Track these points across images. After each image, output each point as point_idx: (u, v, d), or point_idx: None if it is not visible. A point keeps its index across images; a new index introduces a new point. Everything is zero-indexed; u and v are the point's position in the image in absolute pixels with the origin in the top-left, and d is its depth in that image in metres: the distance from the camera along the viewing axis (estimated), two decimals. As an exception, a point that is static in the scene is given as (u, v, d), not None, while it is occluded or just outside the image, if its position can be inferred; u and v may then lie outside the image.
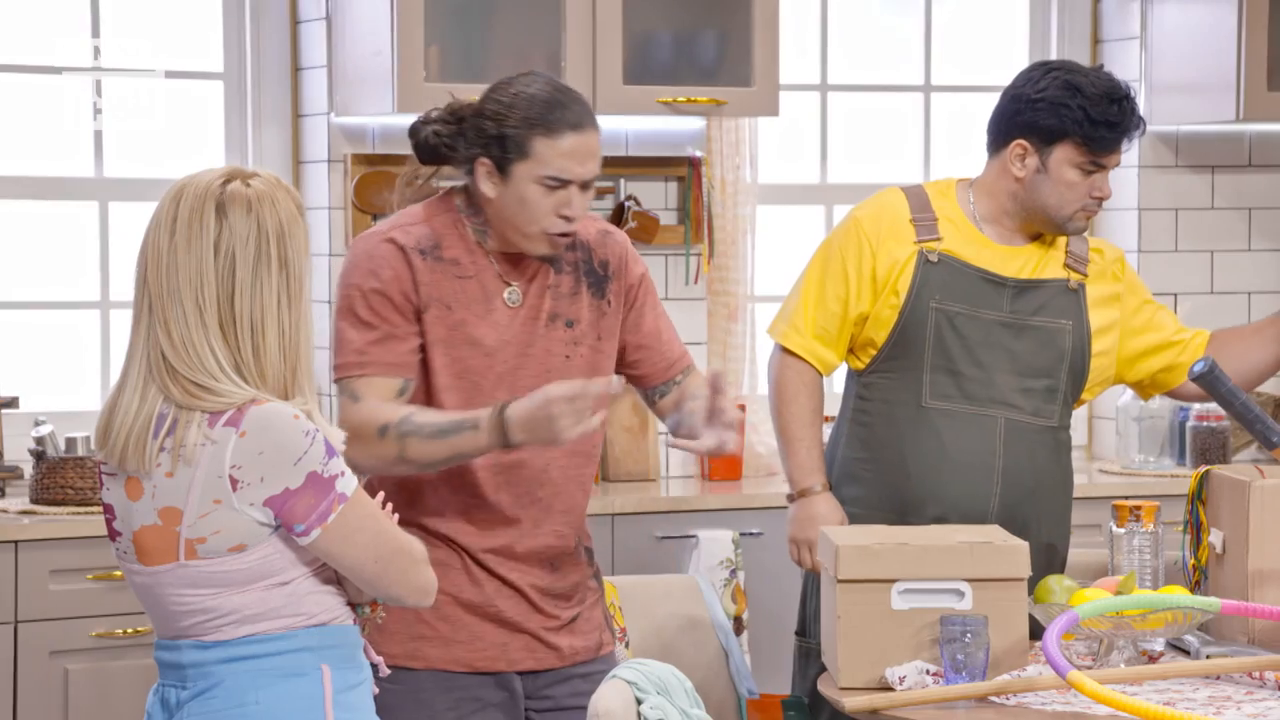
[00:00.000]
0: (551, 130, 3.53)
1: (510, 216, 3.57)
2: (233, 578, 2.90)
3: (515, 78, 3.62)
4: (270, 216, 2.93)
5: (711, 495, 5.52)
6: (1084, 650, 3.71)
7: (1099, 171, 4.08)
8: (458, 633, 3.61)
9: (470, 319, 3.59)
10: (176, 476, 2.87)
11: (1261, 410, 3.96)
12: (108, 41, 5.50)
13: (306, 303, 2.95)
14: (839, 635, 3.58)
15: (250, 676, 2.92)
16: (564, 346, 3.65)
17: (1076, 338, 4.14)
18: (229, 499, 2.86)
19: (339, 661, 2.97)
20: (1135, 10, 6.17)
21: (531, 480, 3.63)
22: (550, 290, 3.65)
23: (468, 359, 3.59)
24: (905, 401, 4.09)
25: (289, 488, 2.86)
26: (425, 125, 3.65)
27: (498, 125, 3.55)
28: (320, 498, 2.87)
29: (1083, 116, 4.04)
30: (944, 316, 4.09)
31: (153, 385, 2.91)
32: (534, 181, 3.54)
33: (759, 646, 5.30)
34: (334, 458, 2.90)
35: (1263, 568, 3.74)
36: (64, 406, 5.46)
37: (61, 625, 4.89)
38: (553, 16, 5.36)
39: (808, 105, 6.14)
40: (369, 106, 5.36)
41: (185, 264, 2.93)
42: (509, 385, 3.59)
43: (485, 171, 3.57)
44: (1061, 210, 4.09)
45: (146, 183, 5.58)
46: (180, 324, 2.89)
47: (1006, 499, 4.08)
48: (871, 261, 4.10)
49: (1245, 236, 6.33)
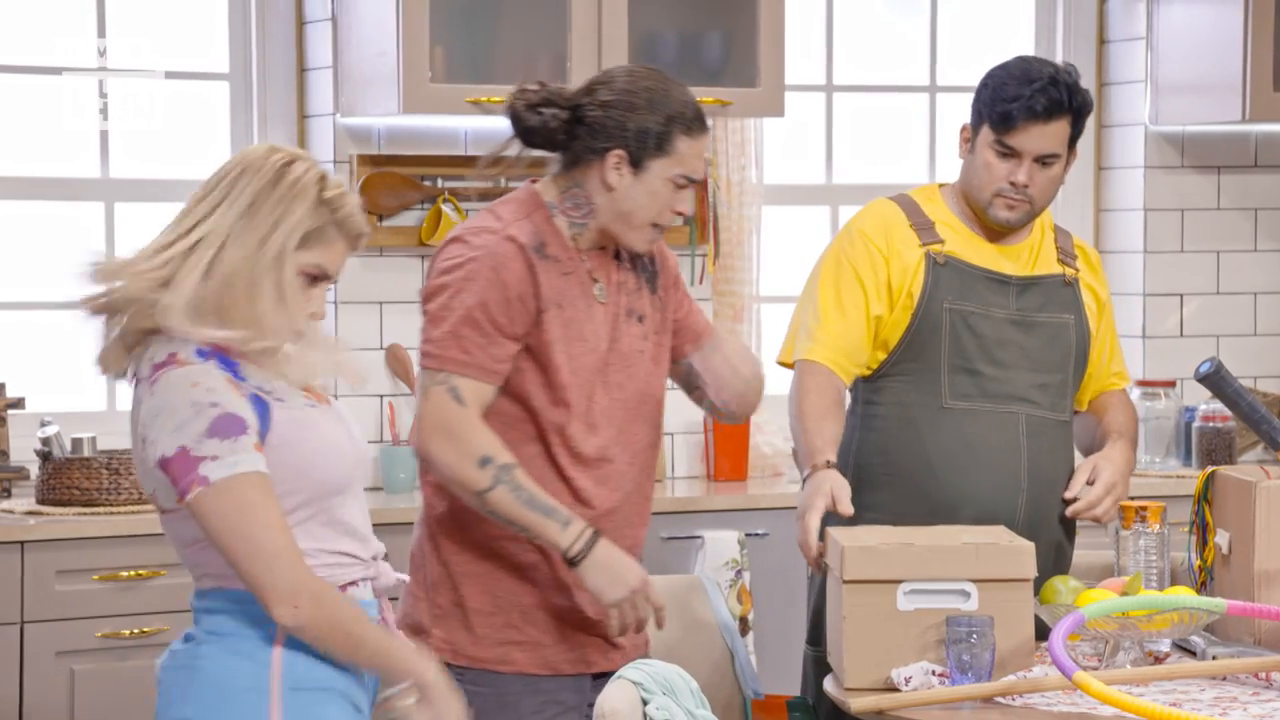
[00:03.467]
0: (692, 130, 3.60)
1: (630, 209, 3.59)
2: (191, 530, 2.97)
3: (628, 69, 3.64)
4: (266, 179, 2.97)
5: (717, 496, 5.52)
6: (1090, 651, 3.71)
7: (1014, 156, 4.04)
8: (545, 636, 3.62)
9: (577, 317, 3.61)
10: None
11: (1268, 411, 3.96)
12: (113, 42, 5.51)
13: (274, 269, 2.96)
14: (844, 636, 3.58)
15: (210, 634, 2.98)
16: (639, 341, 3.69)
17: (1079, 331, 4.16)
18: (142, 454, 2.96)
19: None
20: (1141, 10, 6.17)
21: (619, 481, 3.65)
22: (622, 286, 3.68)
23: (580, 356, 3.60)
24: (923, 403, 4.08)
25: (164, 455, 2.91)
26: (535, 110, 3.60)
27: (640, 118, 3.56)
28: (183, 473, 2.90)
29: (990, 95, 4.05)
30: (958, 316, 4.09)
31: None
32: (667, 178, 3.58)
33: (764, 647, 5.30)
34: (218, 439, 2.89)
35: (1269, 568, 3.74)
36: (70, 407, 5.46)
37: (68, 626, 4.89)
38: (558, 17, 5.36)
39: (813, 106, 6.14)
40: (374, 107, 5.36)
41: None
42: (602, 380, 3.62)
43: (616, 162, 3.58)
44: (980, 193, 4.08)
45: (152, 183, 5.58)
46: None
47: (1033, 494, 4.08)
48: (885, 269, 4.08)
49: (1251, 237, 6.33)
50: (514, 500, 3.48)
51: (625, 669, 3.38)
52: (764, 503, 5.47)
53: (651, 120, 3.57)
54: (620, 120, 3.57)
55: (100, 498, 5.06)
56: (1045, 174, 4.06)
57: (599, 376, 3.61)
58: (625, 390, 3.66)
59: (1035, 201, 4.08)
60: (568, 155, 3.62)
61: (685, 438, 5.83)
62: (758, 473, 5.80)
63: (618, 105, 3.57)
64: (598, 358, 3.61)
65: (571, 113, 3.59)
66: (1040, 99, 4.00)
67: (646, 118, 3.57)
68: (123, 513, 5.03)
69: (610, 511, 3.64)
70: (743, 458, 5.75)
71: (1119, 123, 6.27)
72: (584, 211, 3.62)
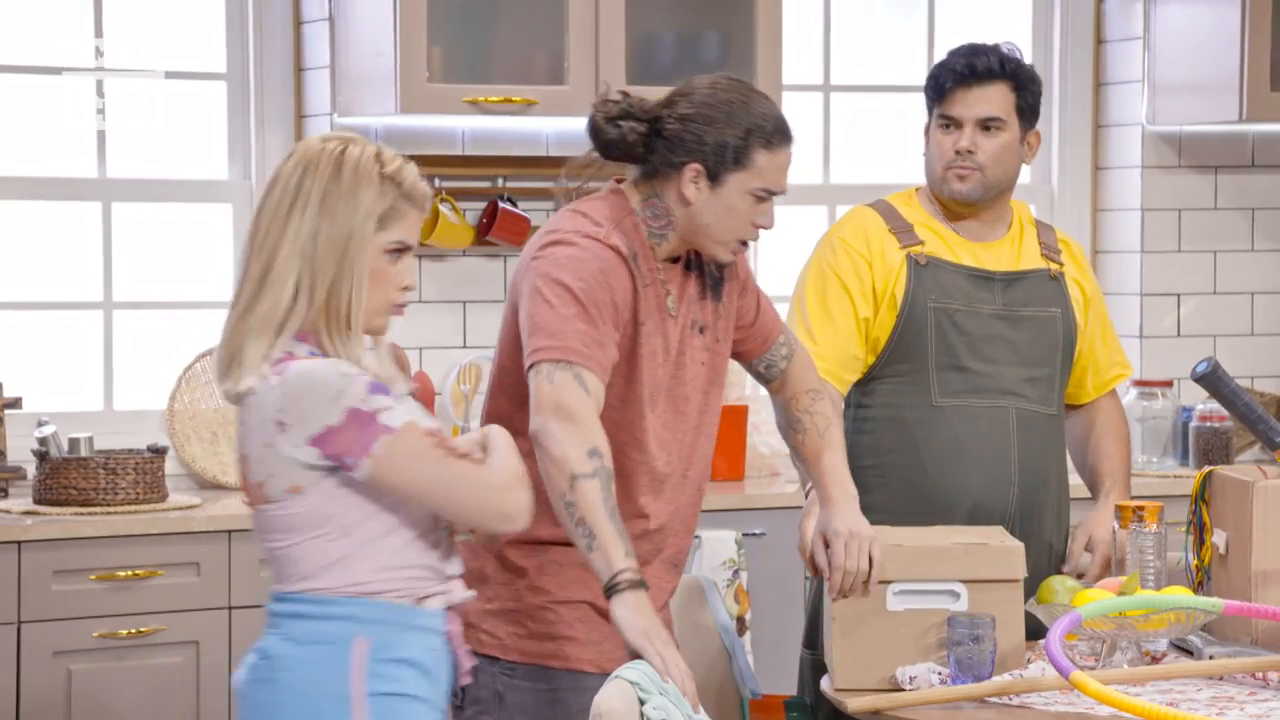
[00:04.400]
0: (773, 144, 3.54)
1: (708, 224, 3.54)
2: (295, 521, 3.01)
3: (711, 80, 3.58)
4: (327, 171, 3.02)
5: (714, 495, 5.51)
6: (1087, 651, 3.71)
7: (956, 127, 4.12)
8: (592, 633, 3.59)
9: (655, 330, 3.56)
10: (242, 424, 3.04)
11: (1264, 411, 3.96)
12: (110, 42, 5.50)
13: (357, 266, 3.03)
14: (835, 636, 3.58)
15: (289, 643, 3.03)
16: (700, 353, 3.64)
17: (1066, 325, 4.18)
18: (276, 441, 2.98)
19: (385, 637, 3.03)
20: (1138, 10, 6.17)
21: (674, 494, 3.62)
22: (688, 297, 3.63)
23: (656, 369, 3.56)
24: (914, 403, 4.09)
25: (330, 425, 2.96)
26: (614, 122, 3.55)
27: (717, 132, 3.51)
28: (362, 429, 2.96)
29: (929, 78, 4.17)
30: (943, 315, 4.10)
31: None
32: (746, 192, 3.53)
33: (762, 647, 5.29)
34: (377, 394, 2.98)
35: (1266, 568, 3.74)
36: (67, 407, 5.46)
37: (64, 626, 4.89)
38: (555, 17, 5.36)
39: (810, 106, 6.14)
40: (372, 107, 5.36)
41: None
42: (669, 394, 3.58)
43: (693, 176, 3.52)
44: (933, 174, 4.16)
45: (149, 183, 5.58)
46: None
47: (1024, 488, 4.10)
48: (869, 273, 4.11)
49: (1248, 237, 6.33)
50: (599, 502, 3.35)
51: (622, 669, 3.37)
52: (761, 503, 5.47)
53: (729, 134, 3.51)
54: (698, 134, 3.51)
55: (97, 498, 5.06)
56: (991, 141, 4.11)
57: (667, 390, 3.59)
58: (690, 403, 3.63)
59: (986, 170, 4.11)
60: (647, 166, 3.58)
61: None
62: (755, 473, 5.80)
63: (696, 119, 3.52)
64: (667, 372, 3.59)
65: (650, 125, 3.54)
66: (960, 61, 4.12)
67: (724, 131, 3.51)
68: (120, 513, 5.03)
69: (661, 527, 3.63)
70: (740, 458, 5.75)
71: (1116, 122, 6.28)
72: (663, 223, 3.57)
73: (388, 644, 3.04)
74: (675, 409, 3.60)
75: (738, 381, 5.82)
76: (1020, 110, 4.13)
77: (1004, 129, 4.11)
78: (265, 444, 2.99)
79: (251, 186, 5.61)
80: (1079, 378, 4.26)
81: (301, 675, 3.02)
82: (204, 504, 5.21)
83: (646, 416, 3.56)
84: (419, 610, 3.07)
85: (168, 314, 5.62)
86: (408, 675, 3.06)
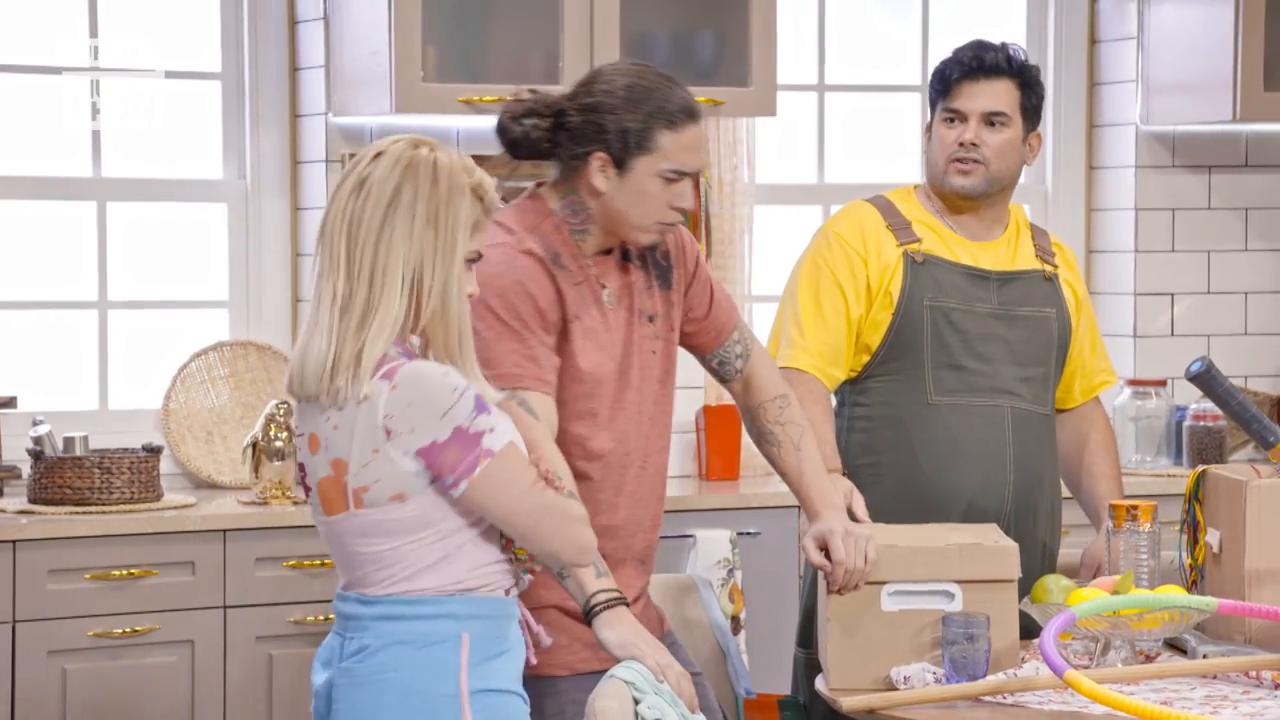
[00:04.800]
0: (676, 124, 3.50)
1: (623, 210, 3.52)
2: (396, 527, 3.02)
3: (613, 67, 3.56)
4: (425, 177, 3.04)
5: (709, 495, 5.52)
6: (1081, 649, 3.72)
7: (961, 120, 4.13)
8: (561, 636, 3.55)
9: (594, 326, 3.55)
10: (341, 428, 3.01)
11: (1258, 410, 3.96)
12: (106, 42, 5.50)
13: (458, 275, 3.05)
14: (829, 636, 3.59)
15: (394, 645, 3.04)
16: (651, 342, 3.64)
17: (1060, 325, 4.19)
18: (384, 448, 3.00)
19: (483, 631, 3.07)
20: (1132, 10, 6.18)
21: (636, 486, 3.62)
22: (631, 287, 3.62)
23: (601, 365, 3.55)
24: (909, 401, 4.09)
25: (436, 440, 2.99)
26: (518, 121, 3.55)
27: (617, 119, 3.49)
28: (466, 451, 2.99)
29: (934, 73, 4.19)
30: (939, 313, 4.10)
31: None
32: (655, 175, 3.50)
33: (756, 646, 5.30)
34: (483, 414, 3.01)
35: (1259, 567, 3.75)
36: (62, 406, 5.46)
37: (59, 625, 4.89)
38: (550, 17, 5.37)
39: (805, 105, 6.14)
40: (367, 107, 5.37)
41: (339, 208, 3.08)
42: (622, 385, 3.58)
43: (600, 165, 3.50)
44: (935, 167, 4.17)
45: (144, 183, 5.58)
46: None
47: (1019, 486, 4.10)
48: (864, 270, 4.11)
49: (1242, 236, 6.34)
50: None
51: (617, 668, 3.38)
52: (756, 502, 5.47)
53: (629, 119, 3.48)
54: (599, 123, 3.49)
55: (92, 497, 5.06)
56: (996, 136, 4.12)
57: (619, 382, 3.59)
58: (643, 394, 3.62)
59: (990, 164, 4.12)
60: (559, 163, 3.57)
61: (677, 437, 5.82)
62: (749, 472, 5.80)
63: (596, 108, 3.49)
64: (616, 365, 3.58)
65: (553, 120, 3.53)
66: (968, 53, 4.14)
67: (624, 117, 3.48)
68: (114, 512, 5.03)
69: (626, 521, 3.63)
70: (735, 457, 5.76)
71: (1110, 122, 6.28)
72: (581, 218, 3.56)
73: (489, 637, 3.08)
74: (627, 400, 3.59)
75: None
76: (1024, 109, 4.14)
77: (1008, 125, 4.12)
78: (374, 449, 3.00)
79: (246, 186, 5.61)
80: (1067, 381, 4.27)
81: (411, 675, 3.04)
82: (199, 503, 5.21)
83: (599, 412, 3.55)
84: (509, 601, 3.12)
85: (163, 313, 5.63)
86: (504, 669, 3.10)
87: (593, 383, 3.55)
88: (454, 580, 3.06)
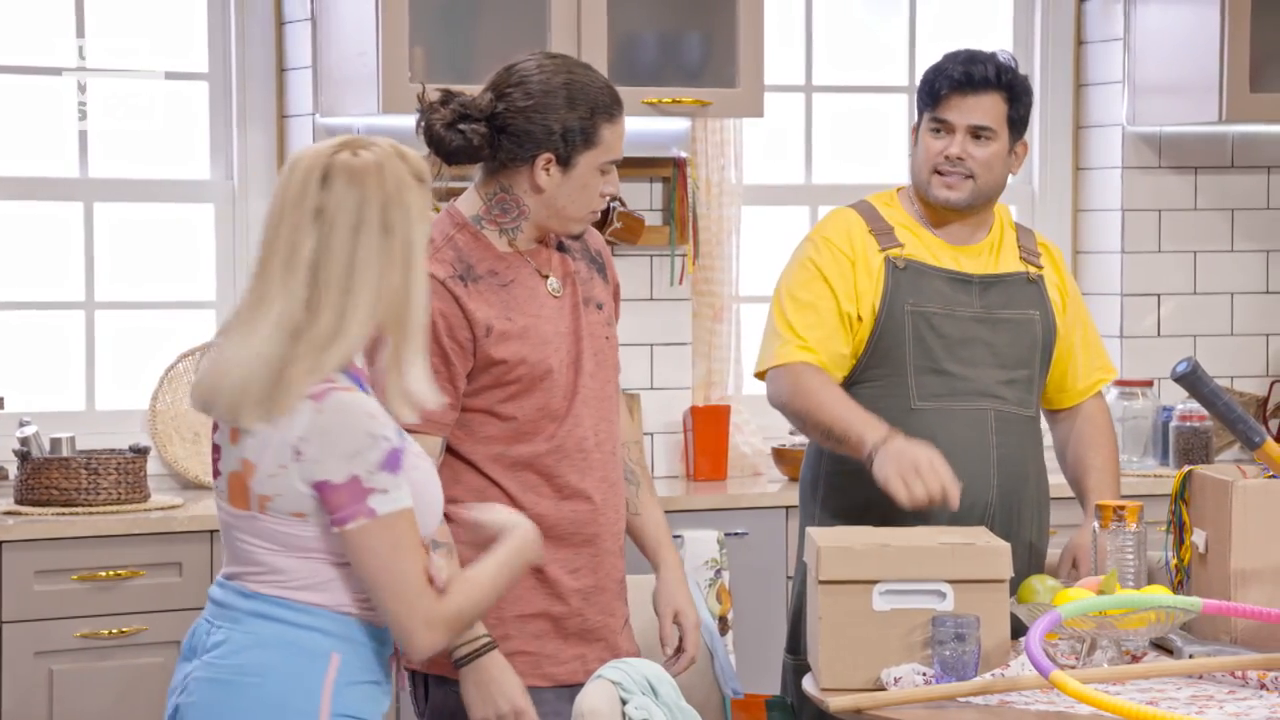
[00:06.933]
0: (613, 115, 3.56)
1: (565, 205, 3.54)
2: (293, 541, 2.97)
3: (533, 64, 3.54)
4: (375, 185, 2.94)
5: (697, 495, 5.52)
6: (1067, 650, 3.72)
7: (948, 132, 4.13)
8: (543, 646, 3.59)
9: (532, 320, 3.55)
10: (259, 433, 2.94)
11: (1244, 410, 3.97)
12: (93, 42, 5.50)
13: (419, 269, 2.97)
14: (820, 636, 3.59)
15: (260, 647, 2.96)
16: (602, 328, 3.66)
17: (1044, 327, 4.19)
18: (291, 467, 2.93)
19: (355, 655, 3.00)
20: (1118, 12, 6.18)
21: (604, 470, 3.63)
22: (575, 276, 3.65)
23: (548, 357, 3.56)
24: (892, 406, 4.09)
25: (330, 480, 2.92)
26: (453, 129, 3.52)
27: (561, 118, 3.50)
28: (351, 502, 2.92)
29: (923, 81, 4.18)
30: (921, 318, 4.11)
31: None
32: (595, 168, 3.54)
33: (743, 646, 5.30)
34: (387, 472, 2.92)
35: (1245, 567, 3.75)
36: (48, 407, 5.45)
37: (46, 626, 4.89)
38: (538, 17, 5.36)
39: (792, 106, 6.14)
40: (354, 107, 5.36)
41: (285, 231, 2.95)
42: (575, 371, 3.59)
43: (545, 164, 3.52)
44: (919, 175, 4.17)
45: (131, 183, 5.58)
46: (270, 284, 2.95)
47: (1004, 489, 4.11)
48: (852, 272, 4.11)
49: (1228, 237, 6.35)
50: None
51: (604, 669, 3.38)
52: (743, 502, 5.47)
53: (573, 117, 3.50)
54: (543, 124, 3.50)
55: (79, 498, 5.06)
56: (982, 150, 4.12)
57: (574, 370, 3.60)
58: (597, 379, 3.64)
59: (978, 178, 4.12)
60: (492, 164, 3.56)
61: (665, 437, 5.83)
62: (737, 472, 5.80)
63: (536, 109, 3.49)
64: (567, 352, 3.59)
65: (488, 123, 3.52)
66: (958, 68, 4.12)
67: (568, 115, 3.50)
68: (101, 513, 5.03)
69: (603, 503, 3.63)
70: (722, 457, 5.76)
71: (1096, 123, 6.29)
72: (514, 215, 3.57)
73: (360, 663, 3.01)
74: (587, 386, 3.61)
75: (720, 381, 5.83)
76: (1011, 121, 4.14)
77: (994, 139, 4.12)
78: (281, 465, 2.94)
79: (234, 186, 5.61)
80: (1059, 381, 4.27)
81: (272, 684, 2.95)
82: (186, 504, 5.21)
83: (555, 405, 3.56)
84: (385, 631, 3.04)
85: (150, 314, 5.62)
86: (370, 701, 3.02)
87: (557, 368, 3.56)
88: (338, 603, 2.99)
